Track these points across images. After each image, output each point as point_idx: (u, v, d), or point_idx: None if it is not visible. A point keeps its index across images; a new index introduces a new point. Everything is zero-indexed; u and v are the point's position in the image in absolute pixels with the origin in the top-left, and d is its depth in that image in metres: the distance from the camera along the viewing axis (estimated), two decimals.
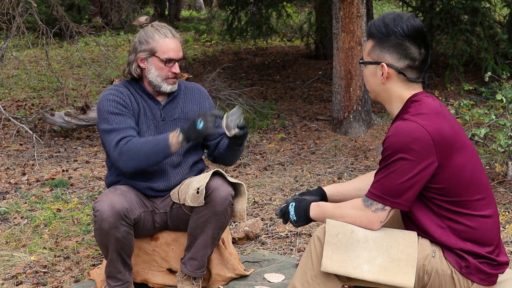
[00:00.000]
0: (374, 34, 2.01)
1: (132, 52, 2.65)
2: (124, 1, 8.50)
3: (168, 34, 2.61)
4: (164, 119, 2.68)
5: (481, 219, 1.97)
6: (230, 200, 2.50)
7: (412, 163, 1.87)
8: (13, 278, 2.97)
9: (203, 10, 18.23)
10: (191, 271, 2.62)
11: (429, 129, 1.88)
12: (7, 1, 5.88)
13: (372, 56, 2.03)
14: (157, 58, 2.59)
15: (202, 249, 2.58)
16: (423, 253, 1.98)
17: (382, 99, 2.07)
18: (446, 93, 7.33)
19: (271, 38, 11.62)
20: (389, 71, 1.99)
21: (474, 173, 1.97)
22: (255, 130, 6.31)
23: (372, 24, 2.01)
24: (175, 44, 2.61)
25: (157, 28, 2.62)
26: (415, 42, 1.97)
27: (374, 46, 2.02)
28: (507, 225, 3.50)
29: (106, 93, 2.64)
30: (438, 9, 7.88)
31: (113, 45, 10.39)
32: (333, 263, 1.96)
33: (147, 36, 2.60)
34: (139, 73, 2.64)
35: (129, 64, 2.65)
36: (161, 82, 2.62)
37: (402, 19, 1.96)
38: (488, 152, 4.55)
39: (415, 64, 1.99)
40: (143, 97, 2.67)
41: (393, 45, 1.97)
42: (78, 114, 5.95)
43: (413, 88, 2.02)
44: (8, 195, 4.31)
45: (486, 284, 1.99)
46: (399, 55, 1.97)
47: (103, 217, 2.39)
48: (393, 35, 1.96)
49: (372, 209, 1.95)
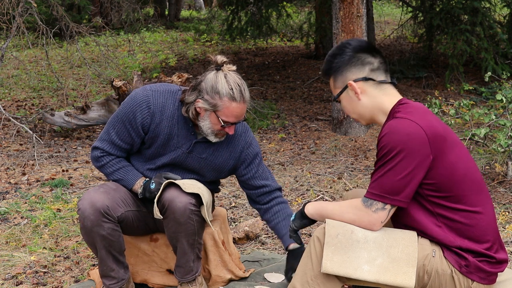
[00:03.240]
0: (327, 70, 2.13)
1: (195, 91, 2.44)
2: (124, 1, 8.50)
3: (238, 98, 2.39)
4: (191, 153, 2.57)
5: (476, 215, 1.98)
6: (190, 209, 2.43)
7: (408, 158, 1.89)
8: (13, 278, 2.97)
9: (203, 10, 18.23)
10: (180, 277, 2.63)
11: (422, 124, 1.92)
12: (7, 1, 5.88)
13: (338, 86, 2.11)
14: (216, 116, 2.42)
15: (183, 256, 2.57)
16: (423, 252, 1.98)
17: (370, 117, 2.11)
18: (446, 93, 7.33)
19: (271, 38, 11.62)
20: (358, 85, 2.06)
21: (468, 169, 2.00)
22: (255, 130, 6.31)
23: (323, 67, 2.14)
24: (240, 109, 2.42)
25: (230, 85, 2.39)
26: (365, 51, 2.07)
27: (335, 78, 2.11)
28: (507, 225, 3.50)
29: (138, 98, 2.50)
30: (438, 9, 7.89)
31: (113, 45, 10.38)
32: (334, 264, 1.96)
33: (216, 89, 2.39)
34: (195, 116, 2.47)
35: (187, 104, 2.47)
36: (210, 134, 2.49)
37: (343, 43, 2.10)
38: (488, 152, 4.55)
39: (375, 66, 2.06)
40: (179, 122, 2.52)
41: (347, 63, 2.07)
42: (78, 114, 5.95)
43: (388, 92, 2.07)
44: (8, 195, 4.32)
45: (486, 283, 1.99)
46: (358, 66, 2.06)
47: (84, 215, 2.40)
48: (342, 58, 2.07)
49: (373, 209, 1.95)
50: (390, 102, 2.05)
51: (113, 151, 2.56)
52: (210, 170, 2.65)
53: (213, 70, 2.45)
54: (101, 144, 2.56)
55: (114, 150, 2.56)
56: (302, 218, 2.18)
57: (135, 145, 2.57)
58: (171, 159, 2.57)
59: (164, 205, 2.44)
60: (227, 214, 3.51)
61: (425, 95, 7.36)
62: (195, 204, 2.46)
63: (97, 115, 5.98)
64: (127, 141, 2.55)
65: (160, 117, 2.50)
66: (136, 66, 9.55)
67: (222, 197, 4.20)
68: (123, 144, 2.55)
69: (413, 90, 7.80)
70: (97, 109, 6.00)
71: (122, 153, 2.59)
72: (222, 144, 2.61)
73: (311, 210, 2.15)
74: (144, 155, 2.60)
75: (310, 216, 2.16)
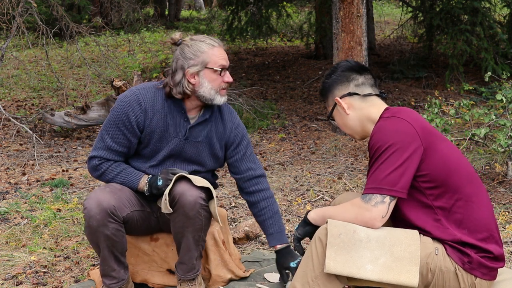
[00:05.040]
0: (321, 91, 2.29)
1: (177, 71, 2.52)
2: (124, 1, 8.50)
3: (214, 44, 2.53)
4: (188, 139, 2.61)
5: (473, 204, 2.00)
6: (200, 203, 2.44)
7: (399, 150, 1.95)
8: (13, 278, 2.97)
9: (203, 10, 18.24)
10: (182, 274, 2.63)
11: (409, 119, 2.00)
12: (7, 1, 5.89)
13: (329, 104, 2.26)
14: (210, 70, 2.52)
15: (187, 253, 2.58)
16: (426, 251, 1.99)
17: (361, 131, 2.20)
18: (446, 93, 7.33)
19: (271, 38, 11.62)
20: (344, 101, 2.18)
21: (460, 161, 2.04)
22: (255, 130, 6.31)
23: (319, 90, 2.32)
24: (223, 51, 2.56)
25: (201, 40, 2.54)
26: (351, 70, 2.20)
27: (326, 98, 2.27)
28: (507, 225, 3.50)
29: (127, 98, 2.54)
30: (438, 9, 7.89)
31: (113, 45, 10.39)
32: (337, 264, 1.96)
33: (193, 50, 2.51)
34: (192, 89, 2.53)
35: (178, 84, 2.52)
36: (214, 94, 2.55)
37: (334, 66, 2.27)
38: (488, 152, 4.55)
39: (359, 81, 2.18)
40: (171, 111, 2.57)
41: (334, 82, 2.21)
42: (78, 114, 5.95)
43: (375, 103, 2.16)
44: (8, 195, 4.31)
45: (488, 278, 2.01)
46: (343, 83, 2.20)
47: (90, 215, 2.40)
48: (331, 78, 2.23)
49: (372, 204, 1.97)
50: (377, 111, 2.14)
51: (110, 157, 2.55)
52: (208, 155, 2.68)
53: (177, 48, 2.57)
54: (97, 152, 2.56)
55: (112, 155, 2.56)
56: (305, 225, 2.21)
57: (132, 147, 2.57)
58: (170, 150, 2.59)
59: (175, 198, 2.44)
60: (227, 214, 3.52)
61: (425, 95, 7.37)
62: (205, 199, 2.48)
63: (97, 115, 5.98)
64: (124, 144, 2.54)
65: (152, 111, 2.54)
66: (136, 66, 9.55)
67: (222, 197, 4.20)
68: (119, 147, 2.55)
69: (413, 90, 7.80)
70: (97, 109, 6.00)
71: (120, 158, 2.58)
72: (214, 127, 2.68)
73: (313, 215, 2.19)
74: (143, 155, 2.60)
75: (312, 221, 2.18)
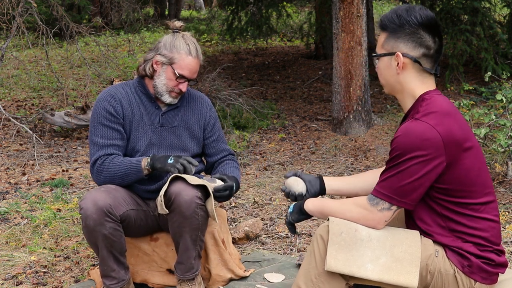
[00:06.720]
0: (387, 26, 2.00)
1: (153, 51, 2.67)
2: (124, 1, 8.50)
3: (193, 53, 2.63)
4: (163, 125, 2.70)
5: (483, 221, 1.96)
6: (197, 202, 2.45)
7: (421, 163, 1.86)
8: (13, 278, 2.97)
9: (203, 10, 18.23)
10: (181, 274, 2.63)
11: (440, 129, 1.87)
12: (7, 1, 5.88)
13: (386, 47, 2.02)
14: (171, 70, 2.62)
15: (185, 252, 2.58)
16: (426, 252, 1.98)
17: (396, 92, 2.05)
18: (446, 93, 7.33)
19: (271, 38, 11.62)
20: (404, 60, 1.98)
21: (480, 174, 1.97)
22: (255, 130, 6.31)
23: (385, 17, 2.01)
24: (194, 64, 2.64)
25: (186, 42, 2.63)
26: (429, 31, 1.96)
27: (387, 37, 2.01)
28: (507, 225, 3.50)
29: (100, 97, 2.66)
30: (438, 9, 7.88)
31: (113, 45, 10.38)
32: (337, 262, 1.96)
33: (173, 44, 2.62)
34: (151, 73, 2.67)
35: (146, 61, 2.68)
36: (164, 92, 2.66)
37: (415, 9, 1.97)
38: (488, 152, 4.55)
39: (430, 53, 1.98)
40: (142, 101, 2.69)
41: (407, 34, 1.97)
42: (78, 114, 5.95)
43: (426, 81, 2.01)
44: (8, 195, 4.31)
45: (488, 282, 1.99)
46: (414, 43, 1.97)
47: (87, 214, 2.40)
48: (406, 24, 1.96)
49: (378, 208, 1.94)
50: (421, 90, 1.99)
51: (109, 151, 2.58)
52: (188, 138, 2.74)
53: (170, 33, 2.69)
54: (95, 154, 2.58)
55: (110, 150, 2.59)
56: (300, 213, 2.19)
57: (124, 138, 2.63)
58: (149, 138, 2.66)
59: (170, 198, 2.44)
60: (227, 214, 3.51)
61: None
62: (201, 198, 2.48)
63: None
64: (115, 136, 2.61)
65: (126, 102, 2.66)
66: (136, 66, 9.54)
67: None
68: (113, 141, 2.60)
69: None
70: None
71: (117, 151, 2.61)
72: (188, 109, 2.76)
73: (310, 206, 2.15)
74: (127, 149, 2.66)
75: (309, 212, 2.16)
